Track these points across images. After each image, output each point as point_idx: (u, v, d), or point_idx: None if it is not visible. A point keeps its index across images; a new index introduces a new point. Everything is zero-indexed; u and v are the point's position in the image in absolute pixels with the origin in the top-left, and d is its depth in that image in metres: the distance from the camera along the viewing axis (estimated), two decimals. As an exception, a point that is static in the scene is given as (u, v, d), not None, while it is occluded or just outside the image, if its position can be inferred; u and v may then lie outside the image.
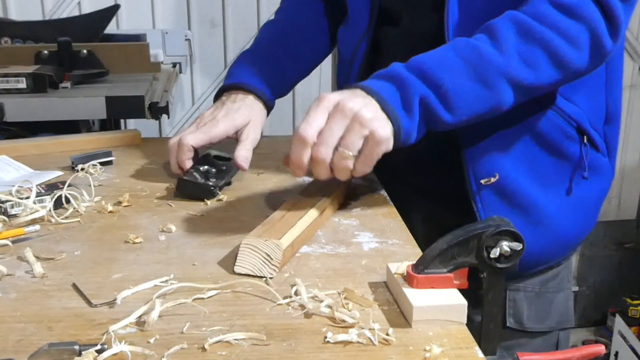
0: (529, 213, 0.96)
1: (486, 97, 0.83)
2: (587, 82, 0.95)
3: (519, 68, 0.83)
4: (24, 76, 1.38)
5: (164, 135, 2.37)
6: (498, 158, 0.94)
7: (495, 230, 0.65)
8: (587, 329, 2.86)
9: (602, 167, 1.02)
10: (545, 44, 0.83)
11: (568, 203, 0.98)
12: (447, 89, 0.81)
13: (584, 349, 0.66)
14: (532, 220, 0.96)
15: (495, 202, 0.95)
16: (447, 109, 0.82)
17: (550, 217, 0.97)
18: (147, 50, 1.61)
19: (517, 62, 0.82)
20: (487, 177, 0.94)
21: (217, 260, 0.78)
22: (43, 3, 2.17)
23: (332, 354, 0.59)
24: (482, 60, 0.82)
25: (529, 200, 0.96)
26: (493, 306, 0.67)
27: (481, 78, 0.82)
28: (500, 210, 0.95)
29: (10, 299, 0.69)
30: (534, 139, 0.95)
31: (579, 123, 0.97)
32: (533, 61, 0.83)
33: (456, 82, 0.82)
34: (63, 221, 0.88)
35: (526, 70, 0.83)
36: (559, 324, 1.07)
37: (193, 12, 2.25)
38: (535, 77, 0.83)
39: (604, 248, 2.80)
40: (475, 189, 0.94)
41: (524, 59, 0.83)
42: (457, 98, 0.82)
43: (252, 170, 1.09)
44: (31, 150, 1.18)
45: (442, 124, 0.83)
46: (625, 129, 2.68)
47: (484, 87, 0.82)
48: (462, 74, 0.82)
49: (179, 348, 0.59)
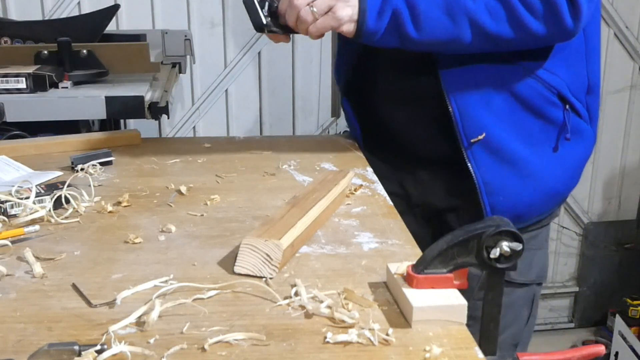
0: (518, 167, 1.10)
1: (450, 27, 1.01)
2: (567, 56, 1.09)
3: (483, 14, 1.00)
4: (24, 76, 1.38)
5: (163, 135, 2.37)
6: (484, 119, 1.08)
7: (495, 231, 0.64)
8: (587, 329, 2.86)
9: (584, 131, 1.15)
10: (508, 5, 0.99)
11: (553, 160, 1.12)
12: (420, 10, 1.00)
13: (584, 349, 0.66)
14: (521, 174, 1.10)
15: (486, 157, 1.09)
16: (415, 27, 1.00)
17: (537, 171, 1.11)
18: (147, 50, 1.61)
19: (483, 10, 1.00)
20: (476, 136, 1.08)
21: (217, 260, 0.78)
22: (43, 3, 2.17)
23: (332, 354, 0.59)
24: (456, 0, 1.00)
25: (516, 155, 1.09)
26: (493, 306, 0.66)
27: (450, 13, 1.00)
28: (491, 164, 1.09)
29: (10, 299, 0.69)
30: (519, 102, 1.08)
31: (559, 91, 1.10)
32: (495, 14, 1.00)
33: (429, 8, 1.00)
34: (63, 221, 0.88)
35: (488, 18, 1.00)
36: (537, 278, 1.21)
37: (193, 12, 2.24)
38: (494, 26, 1.00)
39: (604, 248, 2.80)
40: (466, 145, 1.08)
41: (489, 9, 1.00)
42: (425, 20, 1.00)
43: (258, 171, 1.10)
44: (31, 150, 1.18)
45: (409, 38, 1.01)
46: (625, 129, 2.68)
47: (449, 18, 1.00)
48: (436, 4, 1.00)
49: (178, 348, 0.59)
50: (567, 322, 2.88)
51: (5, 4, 2.15)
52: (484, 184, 1.09)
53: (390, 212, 0.93)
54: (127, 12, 2.20)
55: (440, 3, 1.00)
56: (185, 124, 2.37)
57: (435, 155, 1.16)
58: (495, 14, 1.00)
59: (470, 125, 1.07)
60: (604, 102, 2.62)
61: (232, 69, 2.31)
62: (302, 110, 2.38)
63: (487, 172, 1.09)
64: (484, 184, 1.09)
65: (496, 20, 1.00)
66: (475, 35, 1.01)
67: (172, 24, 2.20)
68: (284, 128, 2.37)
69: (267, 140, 1.26)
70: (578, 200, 2.74)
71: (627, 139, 2.70)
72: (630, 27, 2.51)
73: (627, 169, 2.74)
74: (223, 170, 1.10)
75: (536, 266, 1.20)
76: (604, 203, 2.77)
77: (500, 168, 1.09)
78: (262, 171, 1.09)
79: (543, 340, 2.80)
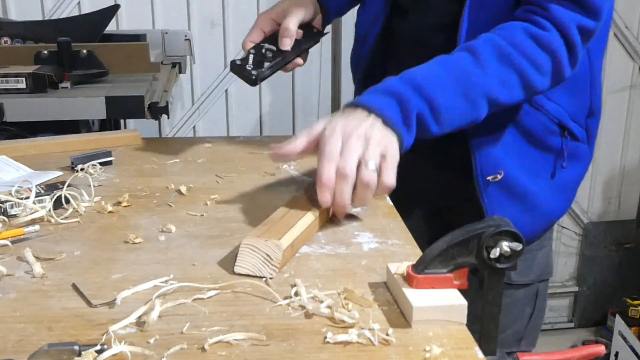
0: (524, 201, 1.08)
1: (468, 112, 0.93)
2: (572, 84, 1.04)
3: (497, 88, 0.94)
4: (23, 76, 1.38)
5: (163, 135, 2.37)
6: (499, 155, 1.05)
7: (495, 231, 0.64)
8: (587, 329, 2.86)
9: (581, 153, 1.13)
10: (519, 69, 0.94)
11: (552, 188, 1.11)
12: (439, 104, 0.90)
13: (584, 349, 0.66)
14: (527, 208, 1.09)
15: (499, 195, 1.06)
16: (437, 123, 0.91)
17: (541, 202, 1.10)
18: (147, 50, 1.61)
19: (497, 83, 0.93)
20: (493, 174, 1.05)
21: (217, 260, 0.78)
22: (43, 3, 2.17)
23: (332, 354, 0.59)
24: (468, 80, 0.92)
25: (523, 189, 1.08)
26: (493, 306, 0.66)
27: (467, 96, 0.92)
28: (503, 202, 1.06)
29: (10, 299, 0.69)
30: (525, 136, 1.07)
31: (560, 120, 1.08)
32: (508, 83, 0.94)
33: (447, 98, 0.91)
34: (63, 221, 0.88)
35: (502, 90, 0.94)
36: (539, 277, 1.18)
37: (193, 12, 2.24)
38: (508, 96, 0.95)
39: (604, 248, 2.80)
40: (482, 183, 1.05)
41: (502, 81, 0.94)
42: (446, 113, 0.91)
43: (258, 171, 1.10)
44: (31, 151, 1.18)
45: (429, 135, 0.92)
46: (625, 129, 2.68)
47: (468, 103, 0.93)
48: (452, 91, 0.92)
49: (178, 348, 0.59)
50: (567, 322, 2.88)
51: (5, 4, 2.15)
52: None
53: (390, 212, 0.93)
54: (127, 12, 2.20)
55: (457, 90, 0.92)
56: (185, 124, 2.37)
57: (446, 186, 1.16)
58: (508, 82, 0.94)
59: (486, 162, 1.05)
60: (604, 102, 2.62)
61: (232, 69, 2.31)
62: (302, 110, 2.38)
63: (497, 208, 1.07)
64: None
65: (509, 89, 0.94)
66: (491, 109, 0.95)
67: (172, 24, 2.20)
68: (284, 128, 2.37)
69: (267, 140, 1.26)
70: (578, 200, 2.74)
71: (627, 139, 2.70)
72: (630, 27, 2.51)
73: (627, 169, 2.74)
74: (223, 170, 1.10)
75: (538, 266, 1.19)
76: (603, 203, 2.77)
77: (510, 203, 1.07)
78: (262, 171, 1.09)
79: (543, 340, 2.79)
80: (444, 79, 0.92)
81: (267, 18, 1.11)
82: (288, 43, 1.09)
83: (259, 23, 1.11)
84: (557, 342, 2.76)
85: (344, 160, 0.82)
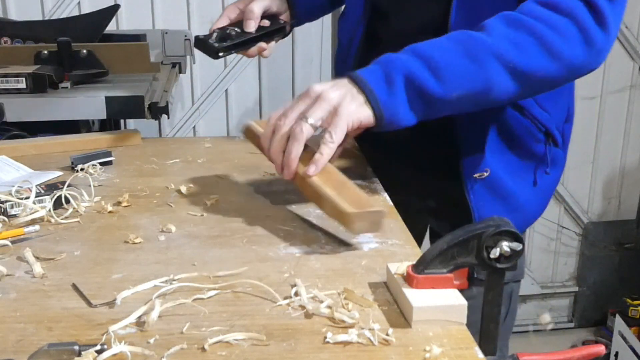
0: (509, 202, 1.10)
1: (475, 71, 0.87)
2: (556, 90, 1.01)
3: (507, 48, 0.87)
4: (23, 76, 1.38)
5: (163, 135, 2.37)
6: (486, 156, 1.06)
7: (495, 231, 0.64)
8: (587, 329, 2.86)
9: (559, 159, 1.15)
10: (533, 31, 0.88)
11: (534, 192, 1.13)
12: (437, 61, 0.86)
13: (584, 349, 0.66)
14: (510, 208, 1.10)
15: (485, 194, 1.08)
16: (437, 79, 0.86)
17: (522, 204, 1.12)
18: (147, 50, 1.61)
19: (506, 43, 0.87)
20: (480, 172, 1.06)
21: (217, 260, 0.78)
22: (43, 3, 2.17)
23: (332, 354, 0.59)
24: (471, 39, 0.88)
25: (508, 191, 1.09)
26: (493, 306, 0.66)
27: (470, 54, 0.87)
28: (489, 201, 1.08)
29: (10, 299, 0.69)
30: (510, 141, 1.08)
31: (547, 127, 1.09)
32: (521, 45, 0.88)
33: (446, 56, 0.87)
34: (63, 221, 0.88)
35: (514, 51, 0.87)
36: (514, 277, 1.21)
37: (193, 12, 2.25)
38: (524, 59, 0.88)
39: (604, 248, 2.80)
40: (468, 183, 1.07)
41: (512, 42, 0.88)
42: (447, 69, 0.86)
43: (258, 171, 1.10)
44: (31, 151, 1.18)
45: (434, 97, 0.87)
46: (625, 129, 2.68)
47: (473, 62, 0.87)
48: (452, 51, 0.88)
49: (178, 348, 0.59)
50: (567, 322, 2.88)
51: (5, 4, 2.15)
52: (479, 219, 1.09)
53: (391, 212, 0.93)
54: (127, 12, 2.20)
55: (456, 48, 0.87)
56: (185, 124, 2.37)
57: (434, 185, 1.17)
58: (520, 43, 0.88)
59: (473, 160, 1.05)
60: (604, 102, 2.62)
61: (232, 69, 2.31)
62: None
63: (483, 208, 1.08)
64: (479, 218, 1.09)
65: (523, 51, 0.88)
66: (509, 74, 0.88)
67: (172, 24, 2.20)
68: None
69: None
70: (578, 200, 2.74)
71: (627, 139, 2.70)
72: (630, 27, 2.52)
73: (627, 169, 2.74)
74: (223, 170, 1.10)
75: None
76: (603, 203, 2.77)
77: (495, 202, 1.09)
78: (262, 171, 1.09)
79: (543, 340, 2.80)
80: (444, 42, 0.89)
81: (234, 7, 1.15)
82: (252, 25, 1.12)
83: (226, 11, 1.15)
84: (557, 342, 2.77)
85: (283, 114, 0.86)
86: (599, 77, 2.57)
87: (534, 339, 2.82)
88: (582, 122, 2.63)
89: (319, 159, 0.85)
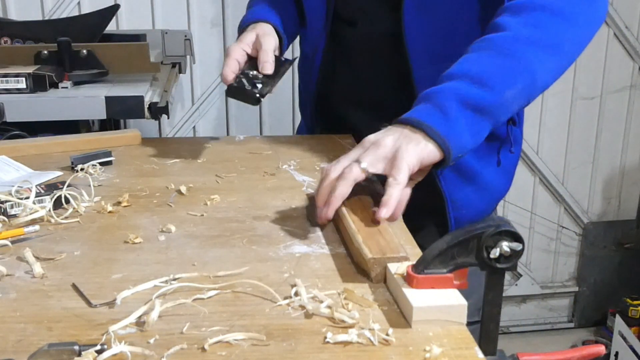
0: (476, 182, 1.16)
1: (514, 65, 0.89)
2: None
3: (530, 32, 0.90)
4: (24, 76, 1.38)
5: (163, 135, 2.37)
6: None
7: (495, 231, 0.64)
8: (587, 329, 2.86)
9: (518, 137, 1.20)
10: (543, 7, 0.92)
11: (499, 171, 1.19)
12: (477, 72, 0.88)
13: (584, 349, 0.66)
14: (478, 188, 1.16)
15: (454, 177, 1.13)
16: (486, 88, 0.87)
17: (489, 183, 1.18)
18: (147, 50, 1.61)
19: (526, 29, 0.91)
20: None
21: (217, 260, 0.78)
22: (43, 3, 2.17)
23: (332, 354, 0.59)
24: (493, 41, 0.91)
25: (474, 172, 1.15)
26: (493, 306, 0.66)
27: (502, 52, 0.89)
28: (458, 183, 1.14)
29: (10, 299, 0.69)
30: None
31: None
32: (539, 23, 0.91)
33: (482, 65, 0.89)
34: (63, 221, 0.88)
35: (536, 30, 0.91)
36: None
37: (193, 12, 2.25)
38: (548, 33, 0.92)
39: (604, 248, 2.80)
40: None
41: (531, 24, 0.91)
42: (490, 76, 0.88)
43: (258, 171, 1.10)
44: (31, 150, 1.18)
45: (491, 106, 0.88)
46: (625, 129, 2.68)
47: (507, 57, 0.89)
48: (484, 58, 0.90)
49: (178, 348, 0.59)
50: (567, 322, 2.88)
51: (5, 4, 2.15)
52: (451, 202, 1.14)
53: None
54: (127, 12, 2.20)
55: (487, 54, 0.90)
56: (185, 124, 2.37)
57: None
58: (538, 22, 0.91)
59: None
60: (604, 102, 2.63)
61: (232, 69, 2.31)
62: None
63: (454, 191, 1.13)
64: (451, 201, 1.14)
65: (543, 27, 0.91)
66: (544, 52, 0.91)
67: (172, 24, 2.20)
68: (284, 128, 2.37)
69: (267, 140, 1.26)
70: (578, 200, 2.74)
71: (627, 139, 2.70)
72: (630, 27, 2.51)
73: (627, 169, 2.74)
74: (223, 170, 1.10)
75: None
76: (603, 203, 2.77)
77: (463, 183, 1.14)
78: (262, 171, 1.09)
79: (543, 340, 2.80)
80: (471, 55, 0.91)
81: (239, 49, 1.12)
82: (270, 67, 1.10)
83: (233, 54, 1.11)
84: (557, 342, 2.77)
85: (336, 161, 0.86)
86: (599, 77, 2.57)
87: (534, 339, 2.82)
88: (582, 122, 2.64)
89: (387, 200, 0.81)
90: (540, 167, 2.66)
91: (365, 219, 0.82)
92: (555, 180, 2.69)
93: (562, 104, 2.58)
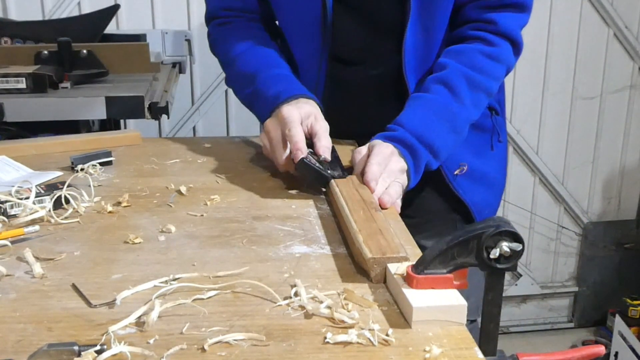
0: (486, 182, 1.26)
1: (457, 140, 1.11)
2: None
3: (474, 112, 1.13)
4: (24, 76, 1.38)
5: (163, 135, 2.37)
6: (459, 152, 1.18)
7: (495, 231, 0.64)
8: (587, 329, 2.86)
9: (502, 125, 1.30)
10: (486, 89, 1.13)
11: (495, 161, 1.29)
12: (438, 147, 1.07)
13: (584, 349, 0.66)
14: (489, 185, 1.27)
15: (468, 183, 1.22)
16: (438, 160, 1.08)
17: (494, 178, 1.29)
18: (147, 50, 1.61)
19: (473, 109, 1.12)
20: (458, 168, 1.21)
21: (217, 261, 0.78)
22: (43, 3, 2.17)
23: (332, 354, 0.59)
24: (454, 117, 1.10)
25: (481, 172, 1.25)
26: (493, 306, 0.67)
27: (455, 130, 1.10)
28: (472, 187, 1.23)
29: (10, 299, 0.69)
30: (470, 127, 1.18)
31: (491, 104, 1.24)
32: (480, 103, 1.14)
33: (442, 139, 1.08)
34: (62, 221, 0.88)
35: (477, 112, 1.14)
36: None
37: (193, 12, 2.25)
38: (479, 112, 1.14)
39: (604, 248, 2.80)
40: (450, 177, 1.21)
41: (476, 104, 1.12)
42: (443, 150, 1.08)
43: (258, 171, 1.10)
44: (31, 151, 1.18)
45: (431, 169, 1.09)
46: (625, 128, 2.69)
47: (457, 134, 1.11)
48: (445, 132, 1.08)
49: (178, 348, 0.59)
50: (567, 322, 2.88)
51: (5, 4, 2.15)
52: (473, 205, 1.24)
53: (391, 212, 0.93)
54: (127, 12, 2.21)
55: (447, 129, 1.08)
56: (185, 124, 2.37)
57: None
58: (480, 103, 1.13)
59: (448, 160, 1.17)
60: (603, 102, 2.63)
61: (232, 69, 2.31)
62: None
63: (469, 192, 1.23)
64: (473, 205, 1.24)
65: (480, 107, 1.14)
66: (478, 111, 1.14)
67: (172, 24, 2.20)
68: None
69: (267, 140, 1.26)
70: (577, 200, 2.74)
71: (627, 139, 2.70)
72: (630, 27, 2.52)
73: (627, 169, 2.74)
74: (223, 170, 1.10)
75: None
76: (603, 203, 2.77)
77: (477, 187, 1.24)
78: (262, 171, 1.09)
79: (543, 340, 2.81)
80: (437, 124, 1.08)
81: (299, 129, 1.04)
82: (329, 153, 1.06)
83: (298, 135, 1.02)
84: (557, 342, 2.77)
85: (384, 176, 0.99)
86: (599, 77, 2.57)
87: (534, 339, 2.82)
88: (582, 122, 2.64)
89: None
90: (540, 167, 2.66)
91: (366, 219, 0.82)
92: (555, 180, 2.69)
93: (562, 103, 2.58)
